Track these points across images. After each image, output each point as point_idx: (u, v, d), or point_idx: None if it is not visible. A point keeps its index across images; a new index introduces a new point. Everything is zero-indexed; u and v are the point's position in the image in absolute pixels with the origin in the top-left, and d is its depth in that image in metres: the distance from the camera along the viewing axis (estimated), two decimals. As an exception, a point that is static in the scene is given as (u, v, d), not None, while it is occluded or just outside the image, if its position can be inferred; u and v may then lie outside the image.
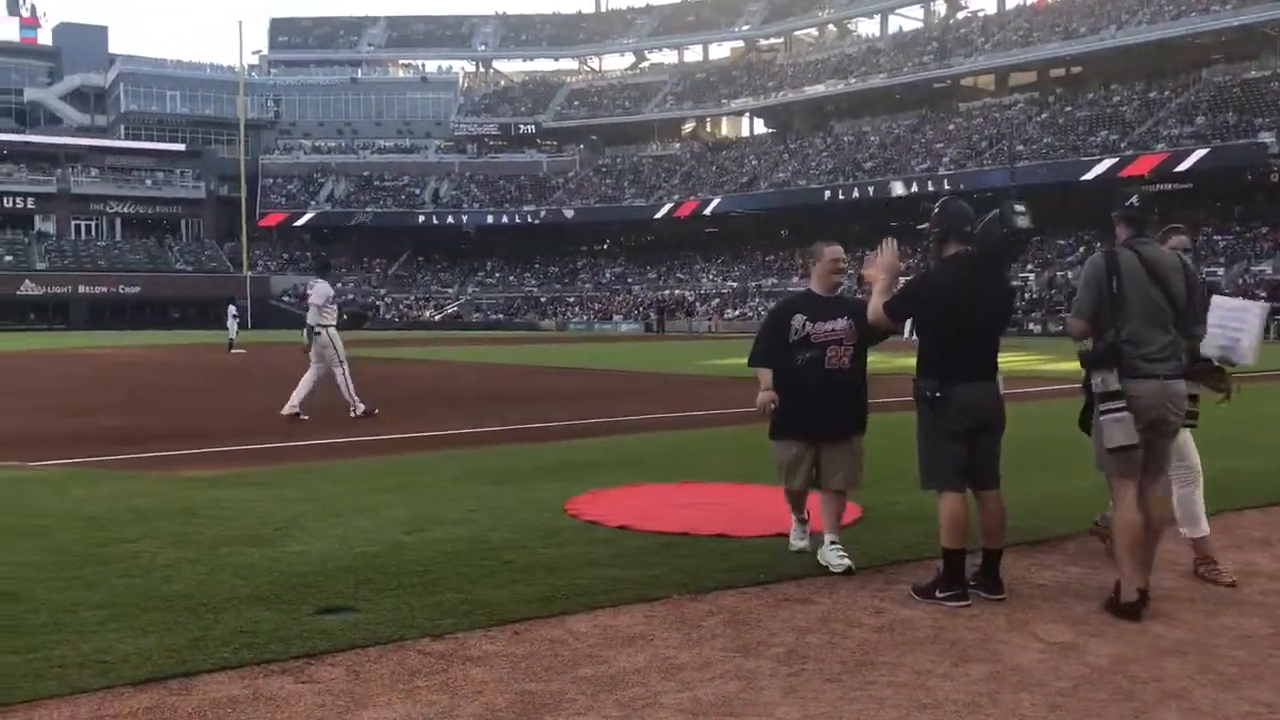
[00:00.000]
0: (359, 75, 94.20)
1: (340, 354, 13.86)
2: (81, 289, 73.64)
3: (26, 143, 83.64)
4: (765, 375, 5.76)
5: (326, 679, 4.06)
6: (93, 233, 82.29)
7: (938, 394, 5.05)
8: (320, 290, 14.07)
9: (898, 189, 60.54)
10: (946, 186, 59.44)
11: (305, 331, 14.08)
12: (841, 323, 5.63)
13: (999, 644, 4.47)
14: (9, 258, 74.97)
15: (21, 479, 9.09)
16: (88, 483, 8.89)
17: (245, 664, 4.20)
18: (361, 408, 13.81)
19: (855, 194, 63.20)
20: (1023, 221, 5.23)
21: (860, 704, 3.78)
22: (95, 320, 70.59)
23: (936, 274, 5.28)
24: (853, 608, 5.01)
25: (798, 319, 5.64)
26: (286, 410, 13.54)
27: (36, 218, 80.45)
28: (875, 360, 6.01)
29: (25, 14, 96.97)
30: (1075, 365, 5.27)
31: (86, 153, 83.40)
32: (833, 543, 5.62)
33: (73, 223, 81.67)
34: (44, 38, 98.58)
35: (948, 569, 5.07)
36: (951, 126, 66.91)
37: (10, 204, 79.46)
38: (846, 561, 5.53)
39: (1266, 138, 48.21)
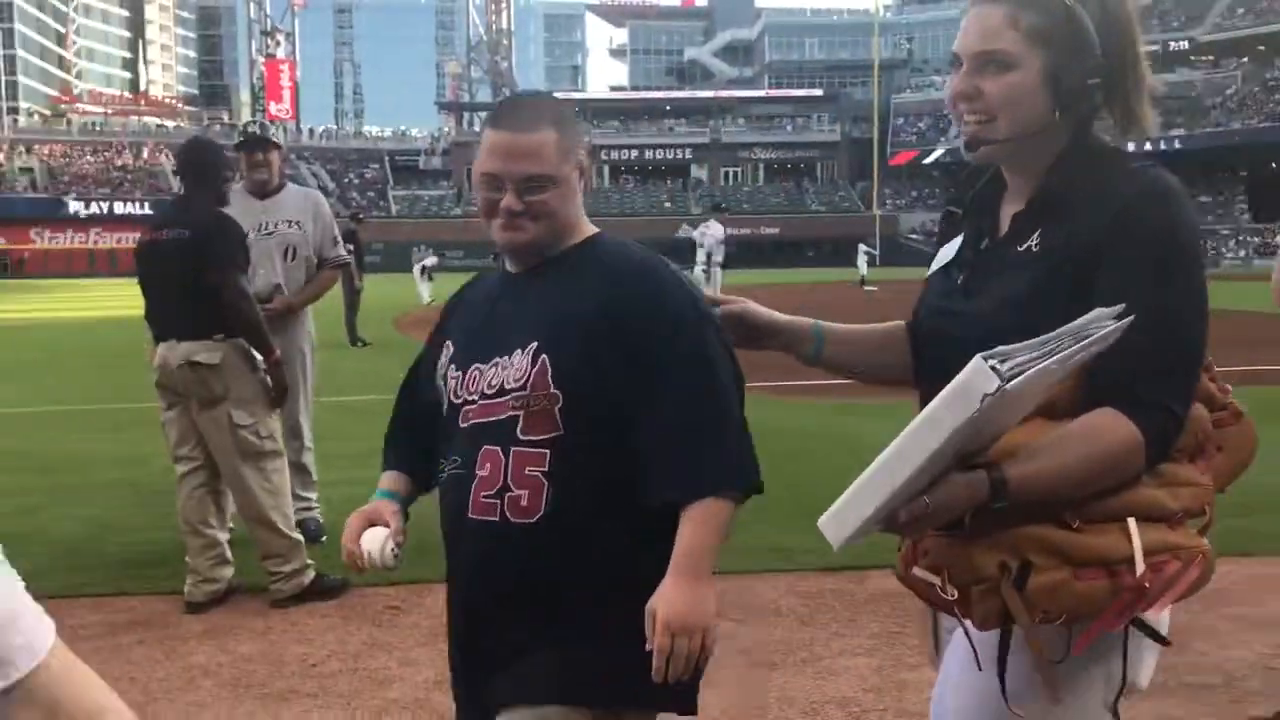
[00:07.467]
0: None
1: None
2: (728, 231, 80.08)
3: (686, 98, 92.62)
4: None
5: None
6: (738, 179, 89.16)
7: None
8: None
9: None
10: None
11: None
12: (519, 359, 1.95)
13: None
14: (668, 204, 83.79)
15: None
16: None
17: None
18: None
19: None
20: None
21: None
22: (739, 259, 76.27)
23: None
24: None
25: None
26: None
27: (692, 166, 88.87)
28: None
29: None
30: None
31: (735, 104, 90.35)
32: None
33: (721, 170, 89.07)
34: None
35: None
36: None
37: (672, 155, 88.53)
38: None
39: None
